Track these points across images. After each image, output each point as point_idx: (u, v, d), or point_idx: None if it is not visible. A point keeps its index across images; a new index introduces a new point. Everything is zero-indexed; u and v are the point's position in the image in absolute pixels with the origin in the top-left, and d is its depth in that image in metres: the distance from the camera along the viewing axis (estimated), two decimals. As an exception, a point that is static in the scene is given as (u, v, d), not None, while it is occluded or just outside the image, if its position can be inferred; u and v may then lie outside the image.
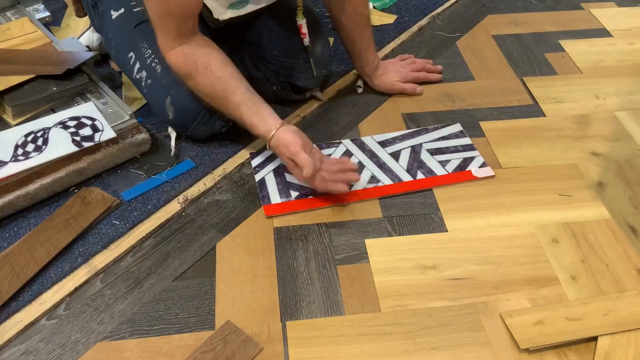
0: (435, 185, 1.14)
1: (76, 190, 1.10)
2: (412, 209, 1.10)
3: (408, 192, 1.13)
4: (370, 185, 1.13)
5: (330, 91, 1.37)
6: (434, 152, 1.20)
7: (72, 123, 1.16)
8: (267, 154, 1.19)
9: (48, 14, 1.51)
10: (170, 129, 1.21)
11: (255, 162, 1.18)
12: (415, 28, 1.59)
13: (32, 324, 0.91)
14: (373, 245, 1.04)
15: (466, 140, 1.23)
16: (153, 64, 1.16)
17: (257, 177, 1.15)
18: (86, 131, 1.14)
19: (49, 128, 1.15)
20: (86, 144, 1.11)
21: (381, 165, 1.17)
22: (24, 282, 0.95)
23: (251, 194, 1.13)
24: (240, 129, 1.25)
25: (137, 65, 1.18)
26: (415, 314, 0.93)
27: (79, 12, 1.41)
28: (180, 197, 1.11)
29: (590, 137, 1.26)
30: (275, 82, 1.27)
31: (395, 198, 1.12)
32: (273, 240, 1.04)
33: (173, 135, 1.20)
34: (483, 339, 0.90)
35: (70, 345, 0.88)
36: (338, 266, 1.00)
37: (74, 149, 1.10)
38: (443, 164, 1.18)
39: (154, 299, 0.95)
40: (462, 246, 1.03)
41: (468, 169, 1.17)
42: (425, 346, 0.89)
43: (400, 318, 0.93)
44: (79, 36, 1.45)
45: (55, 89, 1.23)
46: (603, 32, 1.60)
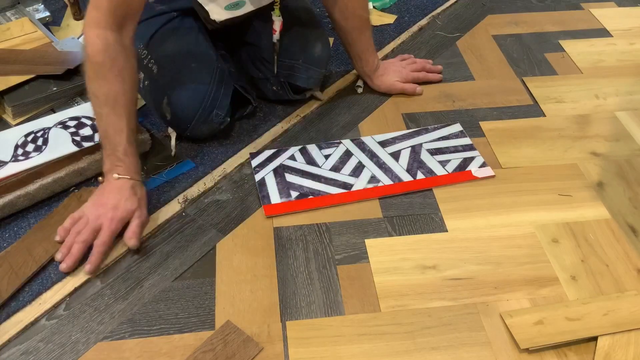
0: (435, 185, 1.14)
1: (76, 190, 1.10)
2: (412, 209, 1.10)
3: (408, 192, 1.13)
4: (370, 185, 1.13)
5: (330, 91, 1.37)
6: (434, 152, 1.20)
7: (72, 123, 1.16)
8: (267, 154, 1.19)
9: (48, 14, 1.51)
10: (170, 129, 1.21)
11: (255, 162, 1.18)
12: (415, 28, 1.59)
13: (32, 324, 0.91)
14: (373, 245, 1.04)
15: (466, 140, 1.23)
16: (150, 65, 1.16)
17: (257, 177, 1.15)
18: (86, 131, 1.14)
19: (49, 128, 1.15)
20: (86, 144, 1.11)
21: (381, 165, 1.17)
22: (23, 280, 0.95)
23: (251, 194, 1.13)
24: (240, 129, 1.26)
25: None
26: (415, 314, 0.93)
27: (77, 15, 1.42)
28: (180, 197, 1.11)
29: (590, 137, 1.26)
30: (275, 82, 1.27)
31: (395, 198, 1.12)
32: (273, 240, 1.04)
33: (173, 135, 1.20)
34: (483, 339, 0.90)
35: (70, 345, 0.88)
36: (338, 266, 1.00)
37: (74, 149, 1.10)
38: (443, 164, 1.18)
39: (154, 299, 0.95)
40: (462, 246, 1.03)
41: (468, 169, 1.17)
42: (425, 346, 0.89)
43: (400, 318, 0.93)
44: (79, 36, 1.45)
45: (55, 89, 1.23)
46: (603, 32, 1.60)
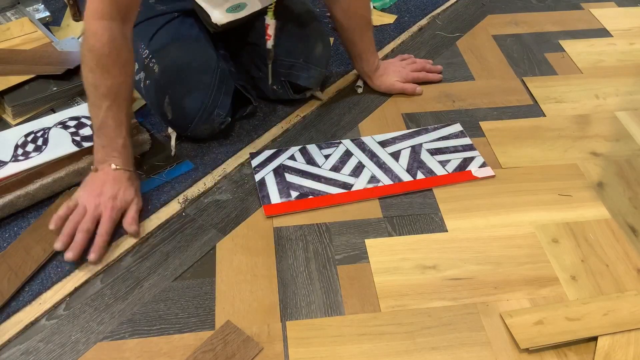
0: (435, 185, 1.14)
1: (68, 190, 1.10)
2: (412, 209, 1.10)
3: (408, 192, 1.13)
4: (370, 185, 1.13)
5: (330, 91, 1.37)
6: (434, 152, 1.20)
7: (72, 123, 1.16)
8: (267, 154, 1.19)
9: (48, 14, 1.51)
10: (170, 129, 1.21)
11: (255, 162, 1.18)
12: (415, 28, 1.59)
13: (32, 324, 0.91)
14: (373, 245, 1.04)
15: (466, 140, 1.23)
16: (151, 64, 1.16)
17: (257, 177, 1.15)
18: (86, 131, 1.14)
19: (49, 128, 1.15)
20: (86, 144, 1.11)
21: (381, 165, 1.17)
22: (23, 279, 0.95)
23: (251, 194, 1.13)
24: (240, 129, 1.26)
25: (136, 66, 1.18)
26: (415, 314, 0.93)
27: (76, 16, 1.42)
28: (180, 197, 1.11)
29: (590, 137, 1.26)
30: (275, 81, 1.27)
31: (395, 198, 1.12)
32: (273, 240, 1.04)
33: (173, 135, 1.20)
34: (483, 339, 0.90)
35: (70, 345, 0.88)
36: (338, 266, 1.00)
37: (74, 149, 1.10)
38: (443, 164, 1.18)
39: (154, 299, 0.95)
40: (462, 246, 1.03)
41: (468, 169, 1.17)
42: (425, 346, 0.89)
43: (400, 318, 0.93)
44: (79, 36, 1.45)
45: (55, 89, 1.23)
46: (603, 32, 1.60)
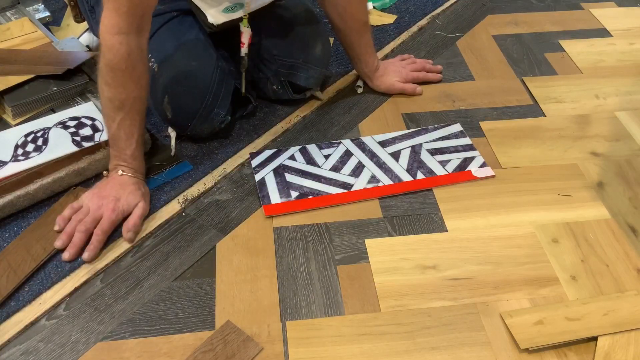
0: (435, 185, 1.14)
1: (73, 189, 1.10)
2: (412, 209, 1.10)
3: (408, 192, 1.13)
4: (370, 185, 1.13)
5: (330, 91, 1.37)
6: (434, 152, 1.20)
7: (72, 123, 1.16)
8: (267, 154, 1.19)
9: (48, 14, 1.51)
10: (170, 129, 1.20)
11: (255, 162, 1.18)
12: (415, 28, 1.59)
13: (32, 324, 0.91)
14: (373, 245, 1.03)
15: (466, 140, 1.23)
16: (150, 64, 1.16)
17: (257, 177, 1.15)
18: (86, 131, 1.14)
19: (49, 128, 1.15)
20: (86, 144, 1.11)
21: (381, 165, 1.17)
22: (22, 277, 0.95)
23: (251, 194, 1.13)
24: (240, 129, 1.26)
25: None
26: (415, 314, 0.93)
27: (77, 17, 1.42)
28: (180, 197, 1.11)
29: (590, 137, 1.26)
30: (275, 81, 1.27)
31: (395, 198, 1.12)
32: (273, 240, 1.04)
33: (173, 135, 1.19)
34: (483, 339, 0.90)
35: (70, 345, 0.88)
36: (338, 266, 1.00)
37: (74, 149, 1.10)
38: (443, 164, 1.18)
39: (154, 299, 0.95)
40: (462, 246, 1.03)
41: (468, 169, 1.17)
42: (425, 346, 0.89)
43: (400, 318, 0.93)
44: (79, 36, 1.45)
45: (55, 89, 1.23)
46: (603, 32, 1.60)
